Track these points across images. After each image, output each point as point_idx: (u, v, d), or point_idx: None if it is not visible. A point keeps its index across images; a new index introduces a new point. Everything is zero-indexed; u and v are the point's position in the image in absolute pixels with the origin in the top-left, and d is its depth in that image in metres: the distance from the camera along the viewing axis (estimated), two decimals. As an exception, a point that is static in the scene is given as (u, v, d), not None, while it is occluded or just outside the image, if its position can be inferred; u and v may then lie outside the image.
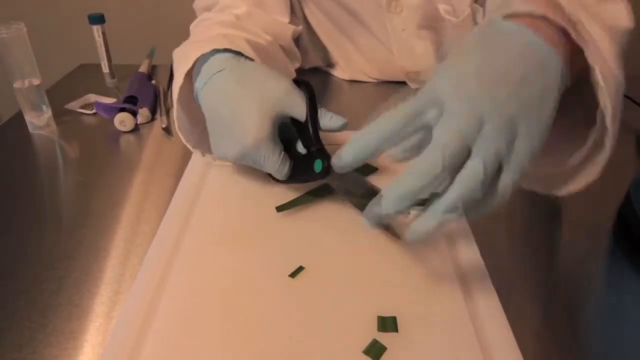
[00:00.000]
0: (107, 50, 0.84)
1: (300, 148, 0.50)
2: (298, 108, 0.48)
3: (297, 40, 0.81)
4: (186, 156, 0.59)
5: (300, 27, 0.75)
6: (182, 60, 0.53)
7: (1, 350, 0.38)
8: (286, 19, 0.71)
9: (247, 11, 0.65)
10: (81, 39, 1.05)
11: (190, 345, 0.36)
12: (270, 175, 0.51)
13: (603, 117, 0.39)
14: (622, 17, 0.49)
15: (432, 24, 0.73)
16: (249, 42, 0.56)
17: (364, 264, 0.44)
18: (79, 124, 0.72)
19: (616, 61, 0.41)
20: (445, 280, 0.42)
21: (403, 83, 0.84)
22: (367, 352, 0.36)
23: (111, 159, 0.65)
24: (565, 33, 0.37)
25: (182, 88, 0.53)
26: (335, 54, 0.85)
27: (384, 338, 0.37)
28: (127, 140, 0.68)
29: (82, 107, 0.75)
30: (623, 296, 0.46)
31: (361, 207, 0.42)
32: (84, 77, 0.89)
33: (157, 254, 0.44)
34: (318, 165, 0.47)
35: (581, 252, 0.51)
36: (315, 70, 0.89)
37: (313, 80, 0.87)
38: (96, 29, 0.82)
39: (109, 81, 0.86)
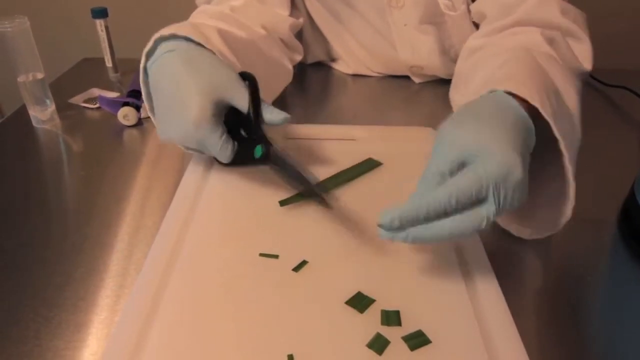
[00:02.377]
0: (110, 45, 0.84)
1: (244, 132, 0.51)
2: (240, 98, 0.48)
3: (299, 34, 0.80)
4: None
5: (301, 20, 0.75)
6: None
7: (7, 343, 0.39)
8: (286, 12, 0.71)
9: (244, 3, 0.65)
10: (84, 33, 1.05)
11: (194, 338, 0.36)
12: (215, 158, 0.52)
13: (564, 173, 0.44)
14: (586, 60, 0.59)
15: (433, 18, 0.73)
16: (222, 33, 0.56)
17: (368, 258, 0.44)
18: (83, 118, 0.73)
19: (580, 118, 0.48)
20: (448, 274, 0.43)
21: (407, 77, 0.84)
22: (370, 345, 0.36)
23: (115, 153, 0.65)
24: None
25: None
26: (338, 48, 0.85)
27: (388, 332, 0.37)
28: (130, 134, 0.68)
29: (85, 102, 0.75)
30: (626, 290, 0.46)
31: (298, 189, 0.47)
32: (87, 71, 0.89)
33: (161, 248, 0.44)
34: (258, 151, 0.49)
35: (585, 245, 0.51)
36: (319, 64, 0.89)
37: (316, 75, 0.88)
38: (99, 23, 0.82)
39: (112, 75, 0.86)
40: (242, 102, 0.48)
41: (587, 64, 0.58)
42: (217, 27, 0.57)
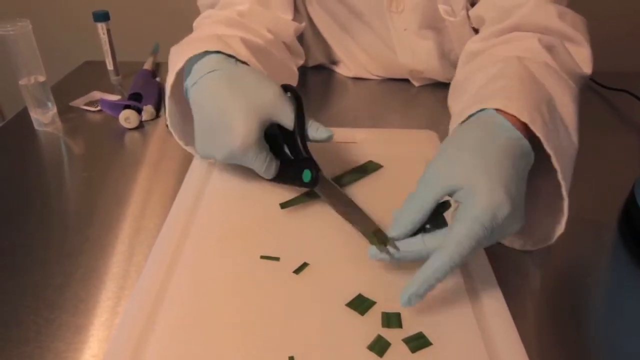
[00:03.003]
0: (111, 48, 0.85)
1: (288, 151, 0.51)
2: (286, 116, 0.48)
3: (300, 37, 0.81)
4: (190, 153, 0.59)
5: (304, 25, 0.75)
6: (175, 59, 0.53)
7: (9, 345, 0.39)
8: (289, 16, 0.71)
9: (249, 8, 0.65)
10: (86, 36, 1.06)
11: (195, 340, 0.36)
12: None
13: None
14: (586, 64, 0.58)
15: (433, 23, 0.73)
16: (244, 41, 0.56)
17: (368, 261, 0.44)
18: (84, 121, 0.73)
19: (576, 127, 0.47)
20: (449, 276, 0.42)
21: (406, 80, 0.84)
22: (371, 347, 0.36)
23: (116, 155, 0.65)
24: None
25: (174, 86, 0.53)
26: (338, 51, 0.85)
27: (389, 334, 0.37)
28: (131, 137, 0.69)
29: (86, 104, 0.76)
30: (626, 291, 0.46)
31: (343, 215, 0.47)
32: (89, 74, 0.89)
33: (162, 250, 0.44)
34: (307, 176, 0.48)
35: (585, 247, 0.51)
36: (319, 67, 0.89)
37: (317, 78, 0.88)
38: (101, 27, 0.82)
39: (113, 78, 0.86)
40: (288, 120, 0.48)
41: (587, 69, 0.58)
42: (240, 36, 0.57)
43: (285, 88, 0.50)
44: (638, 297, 0.46)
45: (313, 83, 0.86)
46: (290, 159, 0.51)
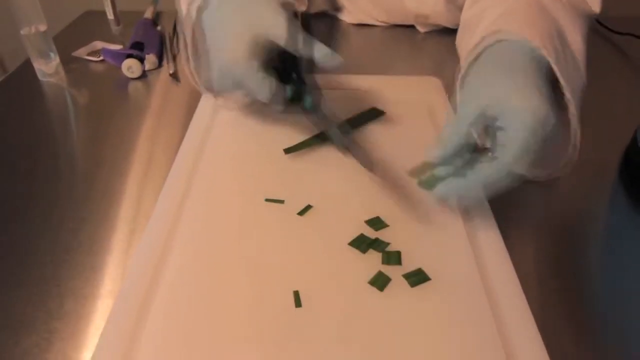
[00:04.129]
0: (111, -4, 0.83)
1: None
2: (279, 32, 0.45)
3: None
4: (194, 101, 0.59)
5: None
6: None
7: (28, 284, 0.41)
8: None
9: None
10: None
11: (204, 278, 0.38)
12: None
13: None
14: (595, 2, 0.58)
15: None
16: None
17: (370, 203, 0.45)
18: (87, 71, 0.73)
19: (585, 62, 0.49)
20: (448, 216, 0.44)
21: (412, 27, 0.83)
22: (372, 282, 0.38)
23: (120, 105, 0.65)
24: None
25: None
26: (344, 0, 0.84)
27: (389, 270, 0.39)
28: (135, 87, 0.69)
29: (89, 54, 0.75)
30: (625, 235, 0.47)
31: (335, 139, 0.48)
32: (89, 24, 0.88)
33: (170, 194, 0.45)
34: (307, 102, 0.48)
35: (585, 190, 0.52)
36: (322, 14, 0.88)
37: (320, 25, 0.86)
38: (99, -26, 0.81)
39: (114, 28, 0.85)
40: (279, 32, 0.45)
41: (596, 7, 0.57)
42: None
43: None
44: (636, 242, 0.47)
45: (316, 30, 0.85)
46: (297, 83, 0.49)
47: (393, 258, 0.40)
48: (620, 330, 0.39)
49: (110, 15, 0.85)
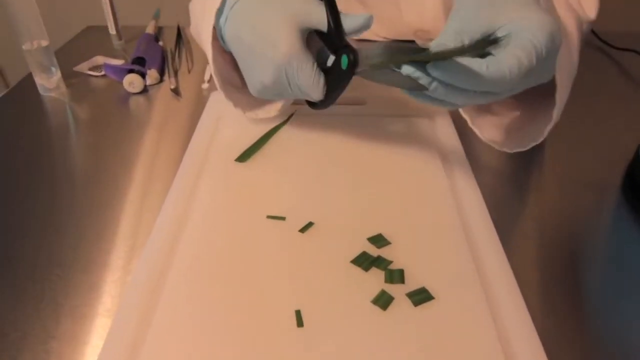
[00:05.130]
0: (113, 12, 0.84)
1: (331, 62, 0.46)
2: (318, 15, 0.45)
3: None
4: (195, 117, 0.59)
5: None
6: (205, 6, 0.51)
7: (24, 301, 0.40)
8: None
9: None
10: (87, 1, 1.04)
11: (205, 296, 0.38)
12: (309, 103, 0.48)
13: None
14: (591, 8, 0.56)
15: None
16: None
17: (372, 220, 0.45)
18: (88, 85, 0.73)
19: (578, 53, 0.48)
20: (451, 236, 0.43)
21: (412, 42, 0.83)
22: (375, 301, 0.37)
23: (121, 120, 0.65)
24: None
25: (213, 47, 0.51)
26: (342, 11, 0.84)
27: (392, 289, 0.38)
28: (136, 102, 0.69)
29: (90, 69, 0.75)
30: (628, 252, 0.47)
31: (398, 83, 0.41)
32: (91, 39, 0.89)
33: (170, 211, 0.45)
34: (344, 62, 0.44)
35: (588, 208, 0.52)
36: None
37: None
38: (101, -10, 0.81)
39: (116, 43, 0.85)
40: (320, 18, 0.44)
41: (592, 12, 0.56)
42: None
43: None
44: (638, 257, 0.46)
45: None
46: (334, 69, 0.45)
47: (396, 276, 0.39)
48: (624, 354, 0.38)
49: (113, 30, 0.85)
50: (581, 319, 0.40)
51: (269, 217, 0.45)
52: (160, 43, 0.82)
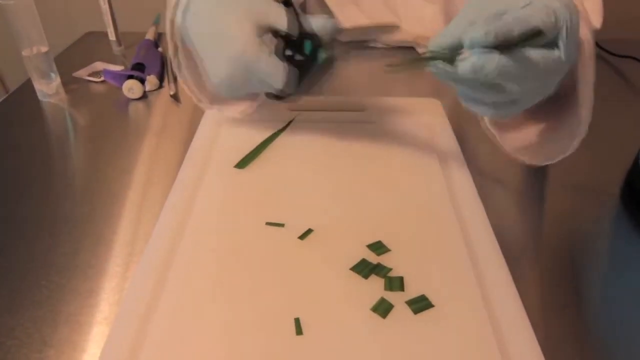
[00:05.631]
0: (113, 18, 0.84)
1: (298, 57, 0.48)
2: (278, 17, 0.45)
3: (303, 5, 0.80)
4: (195, 123, 0.59)
5: None
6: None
7: (21, 308, 0.40)
8: None
9: None
10: (87, 7, 1.05)
11: (203, 302, 0.37)
12: (275, 97, 0.49)
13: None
14: (596, 16, 0.55)
15: None
16: None
17: (371, 227, 0.44)
18: (88, 91, 0.73)
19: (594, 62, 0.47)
20: (452, 242, 0.43)
21: (411, 48, 0.83)
22: (375, 309, 0.37)
23: (120, 126, 0.65)
24: None
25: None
26: (341, 18, 0.84)
27: (391, 297, 0.38)
28: (135, 108, 0.69)
29: (90, 75, 0.76)
30: (627, 259, 0.47)
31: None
32: (91, 45, 0.89)
33: (169, 217, 0.45)
34: (308, 47, 0.45)
35: (587, 215, 0.52)
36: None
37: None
38: (101, -4, 0.81)
39: (115, 49, 0.86)
40: (280, 19, 0.45)
41: (597, 21, 0.56)
42: None
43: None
44: (638, 265, 0.46)
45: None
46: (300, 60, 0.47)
47: (395, 284, 0.39)
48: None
49: (112, 37, 0.85)
50: (581, 327, 0.40)
51: (268, 223, 0.44)
52: (160, 49, 0.83)
